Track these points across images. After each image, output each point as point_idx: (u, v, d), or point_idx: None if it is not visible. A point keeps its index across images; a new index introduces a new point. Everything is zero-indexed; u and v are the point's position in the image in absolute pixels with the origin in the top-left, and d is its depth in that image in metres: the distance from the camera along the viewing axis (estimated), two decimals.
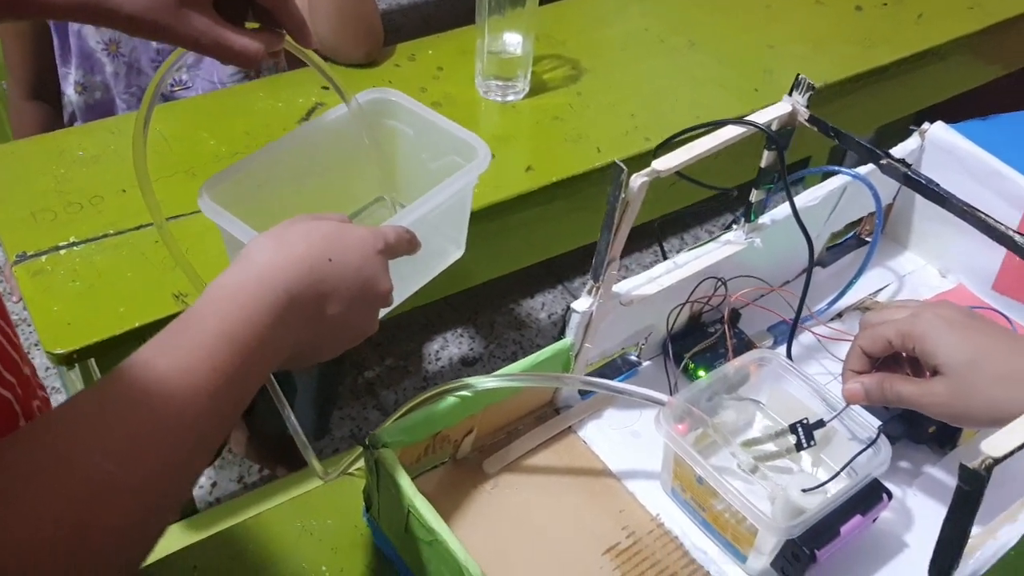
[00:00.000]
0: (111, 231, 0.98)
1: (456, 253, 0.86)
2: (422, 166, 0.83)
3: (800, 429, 0.71)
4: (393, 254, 0.63)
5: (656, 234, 0.88)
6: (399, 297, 0.68)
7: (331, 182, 0.82)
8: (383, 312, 0.64)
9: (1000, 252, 0.91)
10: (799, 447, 0.71)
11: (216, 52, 0.66)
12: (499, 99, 1.17)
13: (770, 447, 0.74)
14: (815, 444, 0.71)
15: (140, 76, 1.22)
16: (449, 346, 1.91)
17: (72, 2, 0.62)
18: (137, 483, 0.45)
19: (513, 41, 1.14)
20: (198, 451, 0.49)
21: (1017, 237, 0.60)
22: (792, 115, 0.72)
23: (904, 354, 0.68)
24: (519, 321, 1.96)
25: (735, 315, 0.87)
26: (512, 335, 1.93)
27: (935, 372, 0.62)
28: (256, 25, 0.70)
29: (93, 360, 0.93)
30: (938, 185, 0.65)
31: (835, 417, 0.71)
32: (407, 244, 0.65)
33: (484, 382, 0.70)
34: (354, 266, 0.58)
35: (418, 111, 0.81)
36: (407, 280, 0.80)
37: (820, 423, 0.71)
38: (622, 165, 0.65)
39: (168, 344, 0.49)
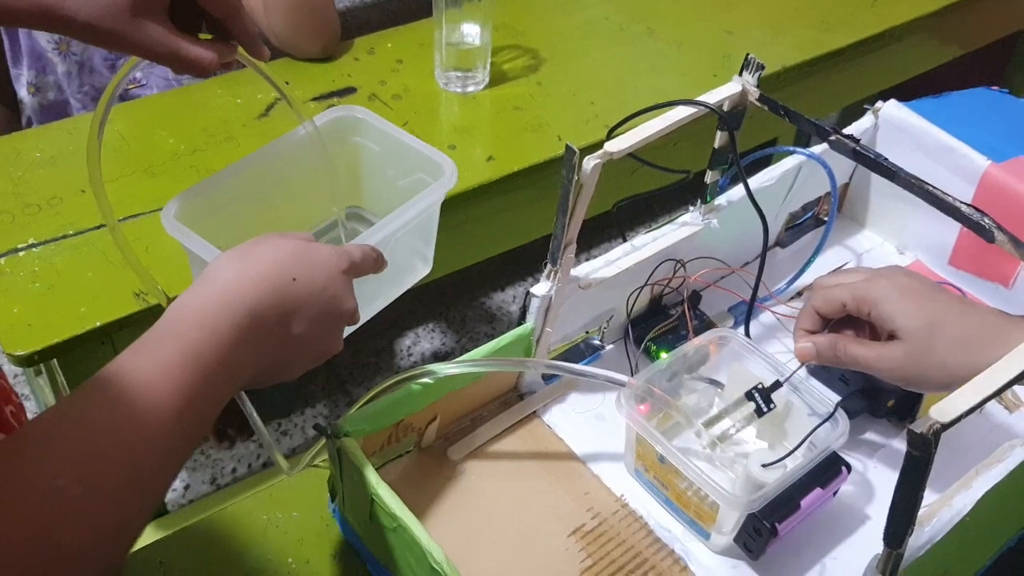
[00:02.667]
0: (70, 231, 0.97)
1: (424, 269, 0.86)
2: (390, 183, 0.83)
3: (756, 394, 0.72)
4: (358, 273, 0.63)
5: (615, 220, 0.88)
6: (366, 314, 0.68)
7: (299, 199, 0.82)
8: (349, 329, 0.64)
9: (955, 228, 0.92)
10: (759, 412, 0.72)
11: (170, 61, 0.66)
12: (459, 90, 1.17)
13: (731, 420, 0.74)
14: (775, 407, 0.72)
15: (93, 75, 1.21)
16: (421, 341, 1.91)
17: (27, 8, 0.62)
18: (104, 503, 0.45)
19: (471, 32, 1.14)
20: (165, 468, 0.49)
21: (964, 208, 0.61)
22: (743, 95, 0.73)
23: (857, 317, 0.69)
24: (490, 314, 1.96)
25: (695, 297, 0.88)
26: (483, 328, 1.93)
27: (891, 336, 0.63)
28: (209, 36, 0.70)
29: (55, 361, 0.92)
30: (886, 159, 0.65)
31: (790, 377, 0.71)
32: (373, 263, 0.65)
33: (446, 368, 0.70)
34: (319, 285, 0.58)
35: (385, 128, 0.81)
36: (374, 297, 0.80)
37: (777, 384, 0.72)
38: (574, 148, 0.65)
39: (131, 364, 0.49)
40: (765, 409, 0.72)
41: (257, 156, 0.79)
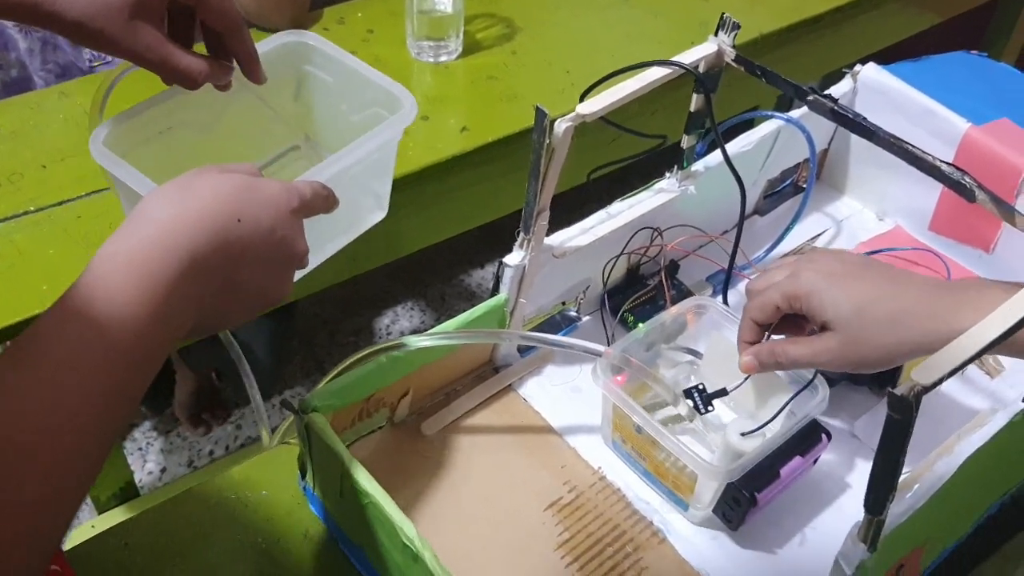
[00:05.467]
0: (31, 208, 0.94)
1: (379, 214, 0.79)
2: (342, 118, 0.76)
3: (696, 394, 0.70)
4: (309, 212, 0.58)
5: (593, 195, 0.86)
6: (316, 260, 0.62)
7: (244, 128, 0.75)
8: (299, 274, 0.59)
9: (935, 193, 0.91)
10: (697, 410, 0.70)
11: (159, 68, 0.63)
12: (432, 60, 1.15)
13: (671, 412, 0.72)
14: (713, 410, 0.70)
15: (57, 52, 1.18)
16: (400, 320, 1.89)
17: (13, 1, 0.58)
18: (30, 498, 0.41)
19: (443, 0, 1.11)
20: (91, 455, 0.45)
21: (944, 167, 0.60)
22: (719, 55, 0.71)
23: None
24: (469, 291, 1.94)
25: (673, 266, 0.86)
26: (463, 305, 1.91)
27: (824, 327, 0.61)
28: (204, 53, 0.66)
29: None
30: (865, 119, 0.64)
31: (738, 387, 0.69)
32: (324, 201, 0.59)
33: (417, 341, 0.68)
34: (266, 226, 0.53)
35: (338, 57, 0.74)
36: (324, 241, 0.73)
37: (723, 391, 0.70)
38: (544, 110, 0.63)
39: (54, 333, 0.44)
40: (703, 411, 0.70)
41: None
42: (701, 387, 0.70)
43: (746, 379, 0.69)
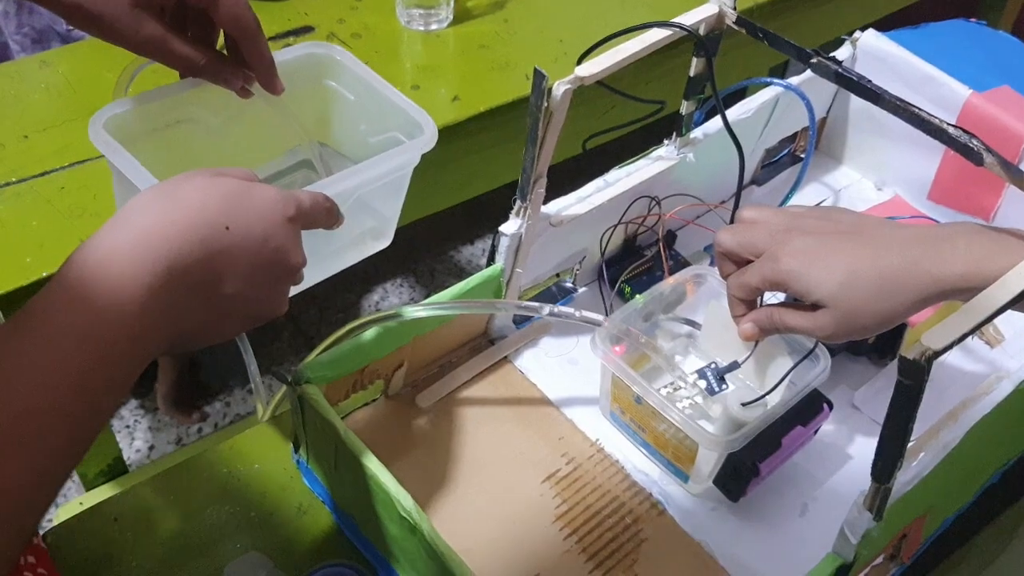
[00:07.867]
0: (13, 179, 0.92)
1: (382, 242, 0.75)
2: (360, 138, 0.73)
3: (709, 373, 0.69)
4: (307, 223, 0.54)
5: (588, 166, 0.85)
6: (311, 278, 0.59)
7: (255, 137, 0.71)
8: (292, 290, 0.56)
9: (934, 162, 0.89)
10: (711, 391, 0.69)
11: (158, 56, 0.60)
12: (422, 28, 1.12)
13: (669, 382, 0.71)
14: (727, 388, 0.69)
15: (33, 16, 1.15)
16: (389, 296, 1.87)
17: None
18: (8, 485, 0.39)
19: None
20: (44, 487, 0.42)
21: (951, 129, 0.59)
22: (719, 17, 0.69)
23: None
24: (459, 267, 1.92)
25: (671, 236, 0.85)
26: (453, 281, 1.87)
27: (816, 305, 0.60)
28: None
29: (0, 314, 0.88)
30: (870, 81, 0.62)
31: (748, 357, 0.68)
32: (326, 214, 0.55)
33: (412, 311, 0.67)
34: (258, 236, 0.49)
35: (363, 75, 0.70)
36: (318, 260, 0.68)
37: (734, 364, 0.69)
38: (543, 72, 0.62)
39: (8, 351, 0.41)
40: (716, 389, 0.69)
41: None
42: (713, 365, 0.69)
43: (755, 348, 0.68)
